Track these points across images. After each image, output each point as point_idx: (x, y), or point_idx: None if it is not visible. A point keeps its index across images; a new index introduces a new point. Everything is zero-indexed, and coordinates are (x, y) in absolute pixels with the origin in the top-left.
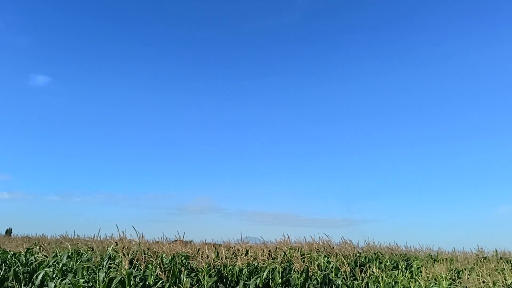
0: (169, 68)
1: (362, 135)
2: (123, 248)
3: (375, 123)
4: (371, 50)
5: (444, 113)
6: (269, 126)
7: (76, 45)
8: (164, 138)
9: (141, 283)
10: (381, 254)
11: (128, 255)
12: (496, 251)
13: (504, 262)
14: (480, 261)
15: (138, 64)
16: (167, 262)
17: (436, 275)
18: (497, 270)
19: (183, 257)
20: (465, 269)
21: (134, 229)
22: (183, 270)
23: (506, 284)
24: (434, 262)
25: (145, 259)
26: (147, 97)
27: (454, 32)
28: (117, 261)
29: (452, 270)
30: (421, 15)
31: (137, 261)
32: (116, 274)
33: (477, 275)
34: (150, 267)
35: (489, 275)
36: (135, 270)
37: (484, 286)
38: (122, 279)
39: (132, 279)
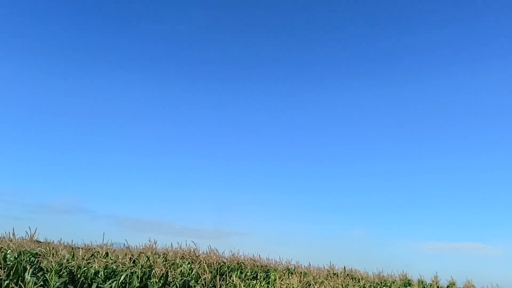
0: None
1: (239, 147)
2: None
3: (251, 137)
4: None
5: (306, 143)
6: (148, 129)
7: None
8: (28, 123)
9: None
10: (244, 265)
11: None
12: (345, 268)
13: (350, 279)
14: (330, 276)
15: None
16: (11, 259)
17: (289, 287)
18: (342, 285)
19: (32, 255)
20: (315, 283)
21: None
22: (28, 268)
23: None
24: (290, 275)
25: None
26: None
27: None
28: None
29: (304, 282)
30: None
31: None
32: None
33: None
34: None
35: None
36: None
37: None
38: None
39: None
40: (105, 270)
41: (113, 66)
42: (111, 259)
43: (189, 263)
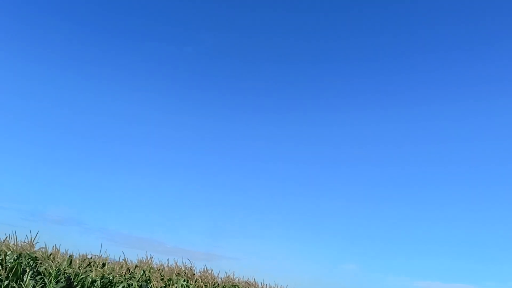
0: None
1: (229, 170)
2: None
3: (236, 159)
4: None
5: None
6: (143, 148)
7: None
8: (27, 136)
9: None
10: (238, 287)
11: None
12: None
13: None
14: None
15: None
16: (10, 260)
17: None
18: None
19: (31, 259)
20: None
21: None
22: (28, 270)
23: None
24: None
25: None
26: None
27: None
28: None
29: None
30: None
31: None
32: None
33: None
34: None
35: None
36: None
37: None
38: None
39: None
40: (102, 280)
41: (117, 84)
42: (108, 270)
43: (185, 280)
